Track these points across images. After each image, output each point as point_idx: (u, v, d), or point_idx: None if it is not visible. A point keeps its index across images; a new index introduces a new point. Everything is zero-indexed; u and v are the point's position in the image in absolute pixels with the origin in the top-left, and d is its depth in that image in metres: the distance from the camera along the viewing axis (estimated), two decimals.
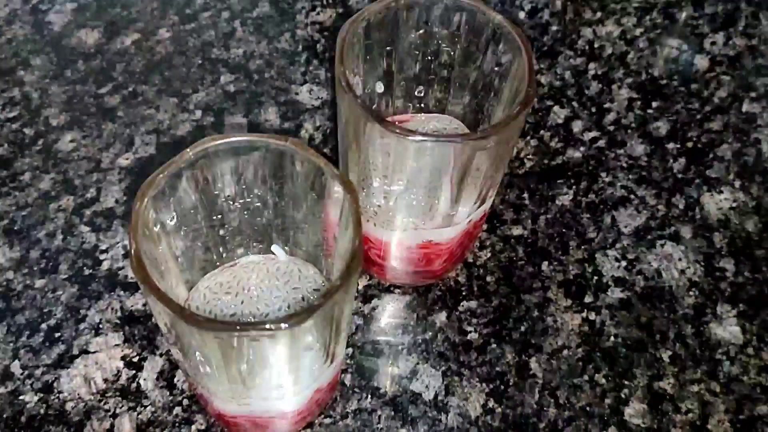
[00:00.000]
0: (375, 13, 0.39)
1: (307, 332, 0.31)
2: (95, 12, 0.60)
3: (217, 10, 0.61)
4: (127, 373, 0.43)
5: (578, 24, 0.63)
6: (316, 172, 0.34)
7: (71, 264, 0.47)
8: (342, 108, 0.38)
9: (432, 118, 0.46)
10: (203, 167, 0.34)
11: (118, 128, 0.53)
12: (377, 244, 0.43)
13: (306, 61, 0.58)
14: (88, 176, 0.51)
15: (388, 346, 0.45)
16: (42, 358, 0.43)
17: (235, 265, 0.41)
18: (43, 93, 0.55)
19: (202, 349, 0.32)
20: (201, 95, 0.55)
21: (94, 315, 0.45)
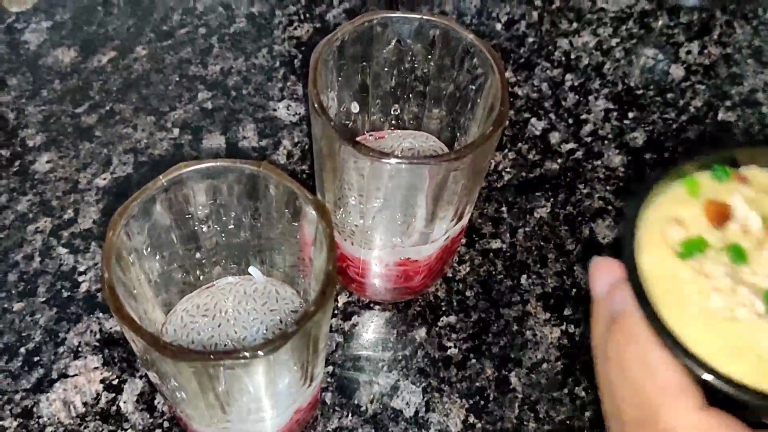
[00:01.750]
0: (349, 32, 0.40)
1: (284, 357, 0.31)
2: (71, 30, 0.60)
3: (194, 26, 0.61)
4: (106, 397, 0.43)
5: (555, 35, 0.63)
6: (290, 196, 0.34)
7: (49, 286, 0.47)
8: (316, 129, 0.38)
9: (408, 135, 0.47)
10: (177, 192, 0.34)
11: (96, 148, 0.53)
12: (356, 262, 0.44)
13: (283, 77, 0.58)
14: (65, 197, 0.50)
15: (369, 363, 0.45)
16: (21, 383, 0.43)
17: (213, 286, 0.41)
18: (20, 113, 0.54)
19: (177, 377, 0.32)
20: (179, 113, 0.55)
21: (73, 338, 0.45)
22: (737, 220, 0.29)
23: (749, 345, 0.26)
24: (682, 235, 0.28)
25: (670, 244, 0.28)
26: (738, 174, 0.30)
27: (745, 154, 0.31)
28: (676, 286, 0.27)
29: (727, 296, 0.27)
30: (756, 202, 0.29)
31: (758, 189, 0.30)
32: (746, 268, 0.28)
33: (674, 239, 0.28)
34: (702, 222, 0.29)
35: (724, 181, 0.30)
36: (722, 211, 0.29)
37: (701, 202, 0.29)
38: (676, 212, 0.29)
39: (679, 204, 0.29)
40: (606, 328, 0.28)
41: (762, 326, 0.26)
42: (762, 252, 0.28)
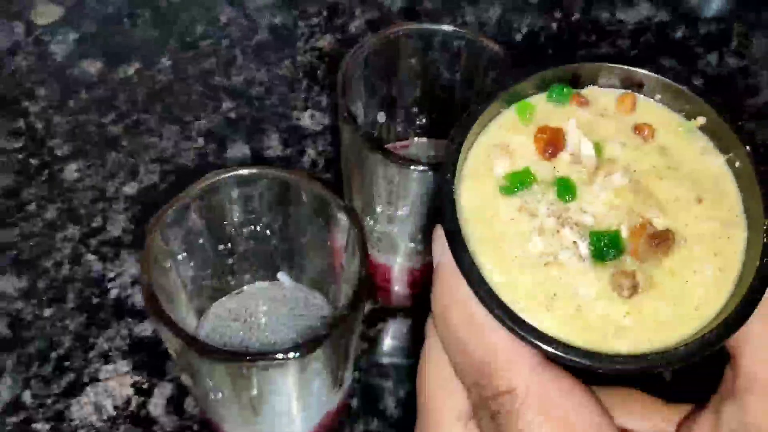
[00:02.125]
0: (375, 44, 0.40)
1: (316, 360, 0.32)
2: (97, 42, 0.61)
3: (218, 37, 0.62)
4: (137, 400, 0.43)
5: (574, 46, 0.64)
6: (321, 203, 0.35)
7: (79, 293, 0.47)
8: (345, 138, 0.39)
9: (433, 144, 0.47)
10: (211, 199, 0.35)
11: (122, 157, 0.54)
12: (381, 269, 0.44)
13: (307, 87, 0.59)
14: (93, 205, 0.51)
15: (394, 369, 0.46)
16: (53, 387, 0.44)
17: (243, 292, 0.41)
18: (48, 123, 0.55)
19: (213, 377, 0.32)
20: (203, 122, 0.56)
21: (103, 343, 0.45)
22: (569, 148, 0.26)
23: (569, 294, 0.23)
24: (508, 166, 0.25)
25: (494, 177, 0.25)
26: (578, 95, 0.27)
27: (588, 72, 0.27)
28: (495, 226, 0.24)
29: (550, 238, 0.24)
30: (592, 127, 0.26)
31: (596, 112, 0.27)
32: (574, 204, 0.25)
33: (499, 171, 0.25)
34: (531, 152, 0.26)
35: (561, 104, 0.26)
36: (554, 140, 0.25)
37: (532, 130, 0.26)
38: (504, 139, 0.26)
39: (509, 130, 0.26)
40: None
41: (584, 272, 0.24)
42: (592, 186, 0.25)
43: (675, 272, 0.24)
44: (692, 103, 0.26)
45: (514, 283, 0.23)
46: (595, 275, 0.24)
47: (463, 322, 0.24)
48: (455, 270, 0.23)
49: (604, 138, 0.26)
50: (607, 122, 0.26)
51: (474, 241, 0.24)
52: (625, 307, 0.23)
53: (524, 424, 0.22)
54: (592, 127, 0.26)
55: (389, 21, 0.64)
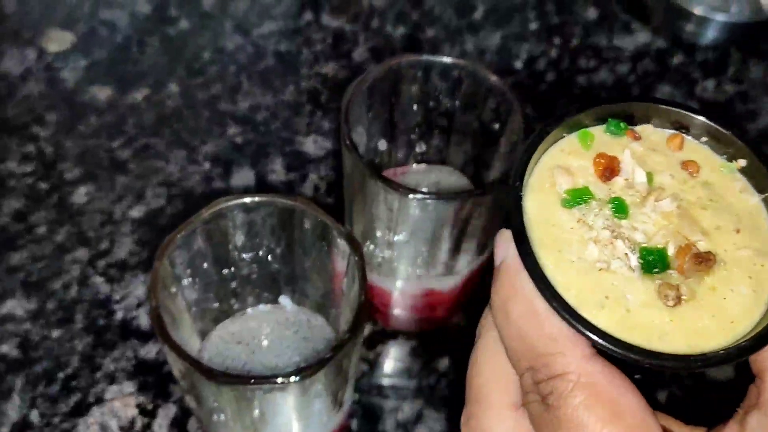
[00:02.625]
0: (378, 74, 0.42)
1: (317, 383, 0.33)
2: (107, 68, 0.62)
3: (224, 64, 0.63)
4: (141, 421, 0.44)
5: (573, 72, 0.65)
6: (323, 229, 0.36)
7: (86, 314, 0.48)
8: (347, 165, 0.40)
9: (433, 169, 0.48)
10: (217, 224, 0.36)
11: (130, 181, 0.55)
12: (381, 293, 0.45)
13: (310, 112, 0.60)
14: (101, 228, 0.52)
15: (393, 391, 0.46)
16: (60, 407, 0.45)
17: (245, 314, 0.42)
18: (58, 147, 0.57)
19: (217, 399, 0.33)
20: (209, 147, 0.58)
21: (109, 364, 0.46)
22: (624, 174, 0.29)
23: (619, 297, 0.26)
24: (570, 183, 0.28)
25: (556, 191, 0.28)
26: (632, 131, 0.30)
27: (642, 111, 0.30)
28: (556, 233, 0.27)
29: (605, 248, 0.27)
30: (644, 159, 0.29)
31: (648, 146, 0.30)
32: (626, 222, 0.28)
33: (561, 187, 0.28)
34: (590, 173, 0.29)
35: (617, 136, 0.30)
36: (610, 165, 0.29)
37: (591, 155, 0.29)
38: (567, 161, 0.29)
39: (570, 154, 0.29)
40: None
41: (633, 281, 0.26)
42: (643, 209, 0.28)
43: (715, 289, 0.27)
44: (734, 147, 0.29)
45: (571, 284, 0.26)
46: (643, 285, 0.26)
47: (524, 313, 0.26)
48: (520, 267, 0.26)
49: (654, 169, 0.29)
50: (658, 156, 0.30)
51: (537, 245, 0.27)
52: (668, 314, 0.26)
53: (575, 405, 0.24)
54: (644, 159, 0.29)
55: (392, 48, 0.65)
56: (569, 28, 0.68)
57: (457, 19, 0.68)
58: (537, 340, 0.25)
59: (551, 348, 0.25)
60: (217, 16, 0.67)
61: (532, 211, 0.27)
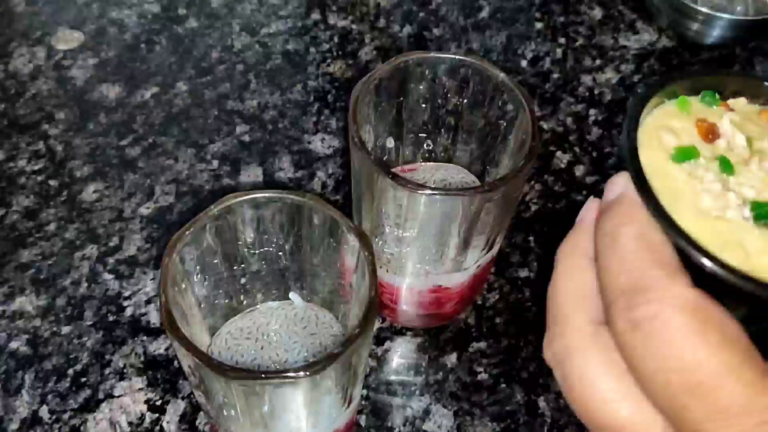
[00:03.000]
0: (386, 72, 0.42)
1: (327, 378, 0.33)
2: (116, 67, 0.63)
3: (232, 63, 0.64)
4: (150, 417, 0.45)
5: (578, 71, 0.65)
6: (332, 225, 0.36)
7: (96, 311, 0.49)
8: (355, 162, 0.40)
9: (440, 167, 0.49)
10: (226, 220, 0.36)
11: (139, 178, 0.55)
12: (389, 289, 0.45)
13: (318, 111, 0.61)
14: (111, 225, 0.53)
15: (401, 387, 0.47)
16: (69, 403, 0.45)
17: (255, 310, 0.42)
18: (67, 145, 0.57)
19: (227, 394, 0.33)
20: (218, 145, 0.58)
21: (119, 360, 0.47)
22: (725, 138, 0.30)
23: (738, 241, 0.27)
24: (675, 142, 0.30)
25: (664, 148, 0.29)
26: (725, 103, 0.32)
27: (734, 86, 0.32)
28: (670, 184, 0.28)
29: (717, 198, 0.28)
30: (741, 127, 0.31)
31: (743, 117, 0.31)
32: (733, 179, 0.29)
33: (669, 144, 0.30)
34: (693, 135, 0.30)
35: (712, 107, 0.31)
36: (711, 129, 0.30)
37: (692, 119, 0.31)
38: (670, 123, 0.30)
39: (672, 117, 0.31)
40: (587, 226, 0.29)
41: (749, 228, 0.27)
42: (748, 168, 0.29)
43: None
44: None
45: (689, 229, 0.27)
46: (759, 233, 0.28)
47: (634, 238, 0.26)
48: (636, 199, 0.27)
49: (751, 135, 0.30)
50: (753, 126, 0.31)
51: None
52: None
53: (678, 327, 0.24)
54: (741, 126, 0.31)
55: (398, 48, 0.65)
56: (574, 28, 0.69)
57: (464, 19, 0.68)
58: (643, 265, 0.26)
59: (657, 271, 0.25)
60: (225, 16, 0.67)
61: (646, 163, 0.28)
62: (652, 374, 0.25)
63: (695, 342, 0.24)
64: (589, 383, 0.27)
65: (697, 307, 0.24)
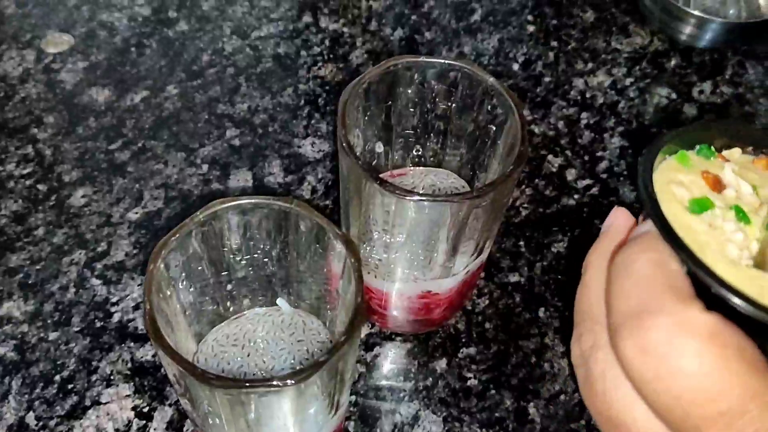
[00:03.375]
0: (375, 76, 0.42)
1: (313, 386, 0.33)
2: (106, 70, 0.62)
3: (223, 66, 0.63)
4: (137, 424, 0.44)
5: (570, 75, 0.65)
6: (319, 231, 0.36)
7: (83, 316, 0.48)
8: (344, 167, 0.40)
9: (429, 172, 0.48)
10: (212, 227, 0.36)
11: (128, 183, 0.55)
12: (378, 295, 0.45)
13: (308, 115, 0.60)
14: (99, 230, 0.52)
15: (390, 393, 0.46)
16: (56, 410, 0.45)
17: (242, 317, 0.42)
18: (56, 149, 0.57)
19: (212, 402, 0.33)
20: (208, 149, 0.58)
21: (106, 366, 0.46)
22: (732, 187, 0.31)
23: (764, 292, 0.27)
24: (688, 195, 0.30)
25: (679, 201, 0.30)
26: (722, 155, 0.33)
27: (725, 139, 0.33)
28: (693, 236, 0.29)
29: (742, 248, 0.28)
30: (742, 176, 0.31)
31: (741, 166, 0.32)
32: (749, 228, 0.29)
33: (683, 197, 0.30)
34: (702, 186, 0.31)
35: (709, 159, 0.32)
36: (718, 180, 0.31)
37: (697, 172, 0.31)
38: (677, 177, 0.31)
39: (677, 171, 0.31)
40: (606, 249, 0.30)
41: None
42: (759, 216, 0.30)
43: None
44: None
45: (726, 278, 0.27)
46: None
47: (652, 263, 0.27)
48: (659, 238, 0.27)
49: (754, 183, 0.31)
50: (752, 174, 0.32)
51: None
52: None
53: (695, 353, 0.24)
54: (742, 175, 0.32)
55: (390, 51, 0.65)
56: (567, 31, 0.69)
57: (456, 22, 0.68)
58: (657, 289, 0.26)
59: (670, 295, 0.26)
60: (216, 19, 0.67)
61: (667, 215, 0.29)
62: (668, 404, 0.25)
63: (716, 370, 0.24)
64: (611, 378, 0.27)
65: (714, 332, 0.24)
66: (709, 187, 0.31)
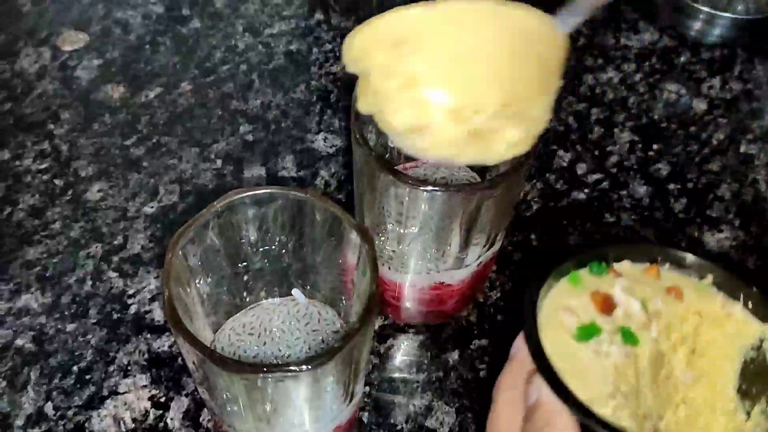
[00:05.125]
0: None
1: (329, 373, 0.33)
2: (120, 67, 0.63)
3: (236, 63, 0.64)
4: (154, 413, 0.45)
5: (580, 70, 0.65)
6: (334, 221, 0.37)
7: (100, 308, 0.49)
8: (357, 159, 0.40)
9: (441, 165, 0.49)
10: (229, 218, 0.37)
11: (143, 178, 0.56)
12: (391, 286, 0.46)
13: (320, 110, 0.61)
14: (115, 224, 0.53)
15: (404, 384, 0.47)
16: (74, 400, 0.45)
17: (258, 307, 0.43)
18: (72, 145, 0.58)
19: (230, 389, 0.34)
20: (221, 145, 0.58)
21: (123, 357, 0.47)
22: (621, 306, 0.32)
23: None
24: (576, 320, 0.32)
25: (566, 328, 0.31)
26: (613, 269, 0.34)
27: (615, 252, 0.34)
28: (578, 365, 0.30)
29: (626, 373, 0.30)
30: (633, 290, 0.33)
31: (632, 279, 0.33)
32: (638, 348, 0.31)
33: (569, 325, 0.31)
34: (591, 310, 0.32)
35: (601, 275, 0.34)
36: (606, 300, 0.33)
37: (587, 293, 0.33)
38: (567, 302, 0.32)
39: (567, 295, 0.33)
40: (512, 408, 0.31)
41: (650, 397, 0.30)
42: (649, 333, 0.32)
43: None
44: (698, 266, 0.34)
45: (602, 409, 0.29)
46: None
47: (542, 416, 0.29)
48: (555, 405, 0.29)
49: (644, 298, 0.33)
50: (643, 287, 0.33)
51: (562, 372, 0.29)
52: None
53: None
54: (633, 290, 0.33)
55: None
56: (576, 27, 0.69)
57: None
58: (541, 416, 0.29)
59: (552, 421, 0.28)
60: (229, 16, 0.68)
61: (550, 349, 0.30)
62: None
63: None
64: None
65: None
66: (598, 309, 0.32)
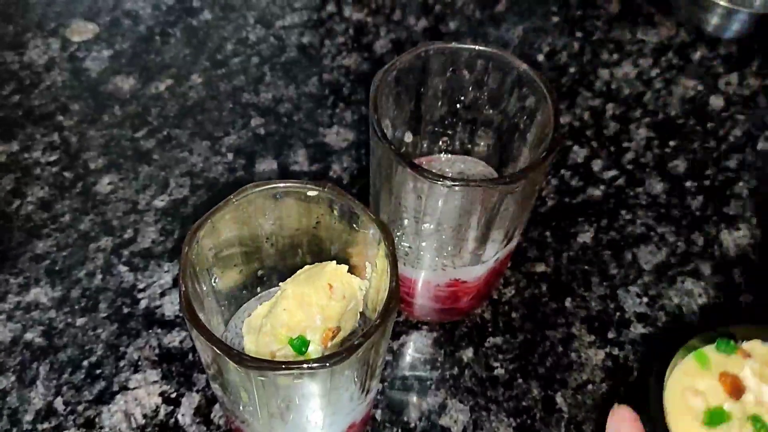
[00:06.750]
0: (405, 62, 0.41)
1: (346, 369, 0.33)
2: (131, 59, 0.62)
3: (247, 55, 0.63)
4: (165, 409, 0.44)
5: (596, 65, 0.65)
6: (351, 216, 0.36)
7: (110, 303, 0.49)
8: (375, 153, 0.40)
9: (458, 159, 0.48)
10: (244, 212, 0.36)
11: (154, 171, 0.55)
12: (406, 283, 0.45)
13: (333, 104, 0.60)
14: (125, 217, 0.53)
15: (417, 382, 0.46)
16: (84, 395, 0.45)
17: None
18: (82, 137, 0.57)
19: (245, 385, 0.33)
20: (232, 138, 0.58)
21: (133, 352, 0.47)
22: (751, 391, 0.31)
23: None
24: (703, 404, 0.31)
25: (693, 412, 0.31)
26: (741, 349, 0.33)
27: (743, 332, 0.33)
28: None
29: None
30: (763, 374, 0.32)
31: (763, 361, 0.32)
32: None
33: (697, 408, 0.31)
34: (719, 392, 0.31)
35: (729, 354, 0.33)
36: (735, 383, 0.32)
37: (715, 374, 0.32)
38: (694, 384, 0.32)
39: (694, 376, 0.32)
40: None
41: None
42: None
43: None
44: None
45: None
46: None
47: None
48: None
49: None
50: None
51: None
52: None
53: None
54: (763, 373, 0.32)
55: (414, 41, 0.65)
56: (592, 21, 0.68)
57: (480, 12, 0.68)
58: None
59: None
60: (240, 8, 0.67)
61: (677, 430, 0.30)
62: None
63: None
64: None
65: None
66: (727, 393, 0.31)
